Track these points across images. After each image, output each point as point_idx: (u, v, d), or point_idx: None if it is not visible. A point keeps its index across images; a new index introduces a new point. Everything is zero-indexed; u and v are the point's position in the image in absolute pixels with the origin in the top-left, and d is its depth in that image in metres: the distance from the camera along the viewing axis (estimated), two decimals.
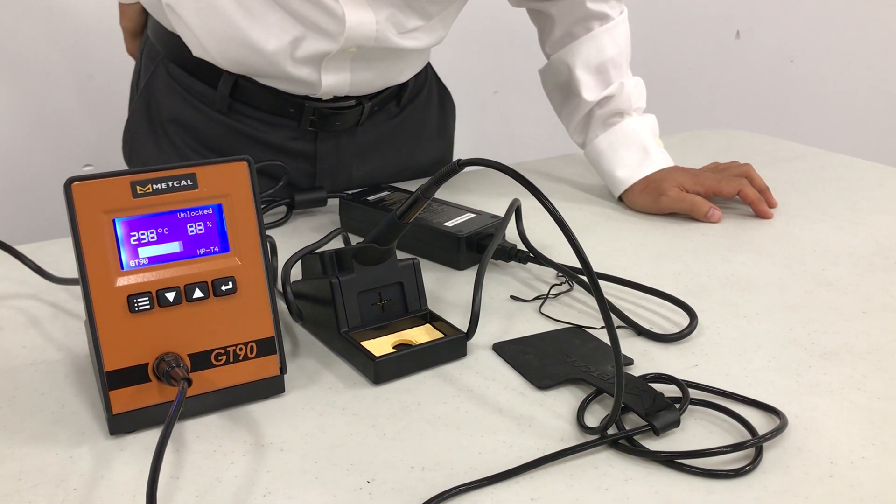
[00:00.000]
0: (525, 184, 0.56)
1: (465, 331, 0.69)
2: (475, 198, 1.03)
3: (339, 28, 0.91)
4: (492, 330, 0.72)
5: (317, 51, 0.93)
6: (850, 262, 0.86)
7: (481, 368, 0.67)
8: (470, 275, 0.82)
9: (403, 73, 1.06)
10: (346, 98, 1.03)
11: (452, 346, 0.68)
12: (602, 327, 0.72)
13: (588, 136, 1.08)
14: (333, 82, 0.98)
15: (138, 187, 0.57)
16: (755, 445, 0.55)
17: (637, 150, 1.04)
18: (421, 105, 1.14)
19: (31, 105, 1.70)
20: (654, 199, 1.00)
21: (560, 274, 0.82)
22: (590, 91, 1.05)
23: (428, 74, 1.17)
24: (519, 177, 0.56)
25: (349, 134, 1.07)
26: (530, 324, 0.74)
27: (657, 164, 1.03)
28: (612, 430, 0.57)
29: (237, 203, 0.60)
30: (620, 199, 1.05)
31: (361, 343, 0.66)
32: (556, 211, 0.55)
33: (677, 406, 0.58)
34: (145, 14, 1.11)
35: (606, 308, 0.53)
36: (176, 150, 1.04)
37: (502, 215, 0.86)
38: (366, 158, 1.10)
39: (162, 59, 1.04)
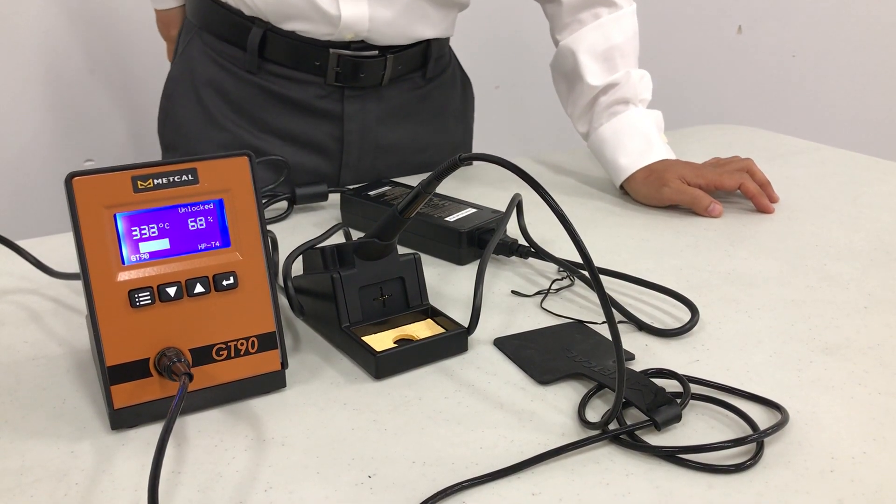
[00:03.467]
0: (526, 178, 0.56)
1: (467, 326, 0.69)
2: (476, 193, 1.03)
3: None
4: (493, 325, 0.72)
5: None
6: (851, 258, 0.86)
7: (482, 363, 0.67)
8: (471, 270, 0.82)
9: (422, 25, 1.08)
10: (369, 47, 1.05)
11: (453, 341, 0.68)
12: (603, 322, 0.72)
13: (592, 125, 1.08)
14: (352, 14, 1.01)
15: (139, 182, 0.57)
16: (756, 440, 0.55)
17: (640, 139, 1.04)
18: (446, 83, 1.17)
19: (32, 100, 1.69)
20: (655, 189, 1.00)
21: (561, 269, 0.82)
22: (594, 76, 1.06)
23: (452, 59, 1.20)
24: (520, 172, 0.56)
25: (375, 96, 1.09)
26: (531, 319, 0.74)
27: (660, 155, 1.03)
28: (613, 426, 0.57)
29: (238, 198, 0.60)
30: (622, 188, 1.05)
31: (362, 338, 0.66)
32: (557, 206, 0.54)
33: (678, 401, 0.58)
34: (184, 12, 1.18)
35: (608, 303, 0.53)
36: (207, 115, 1.09)
37: (503, 210, 0.86)
38: (392, 126, 1.12)
39: (197, 30, 1.10)
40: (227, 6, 1.05)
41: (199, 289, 0.58)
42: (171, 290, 0.57)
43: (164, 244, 0.58)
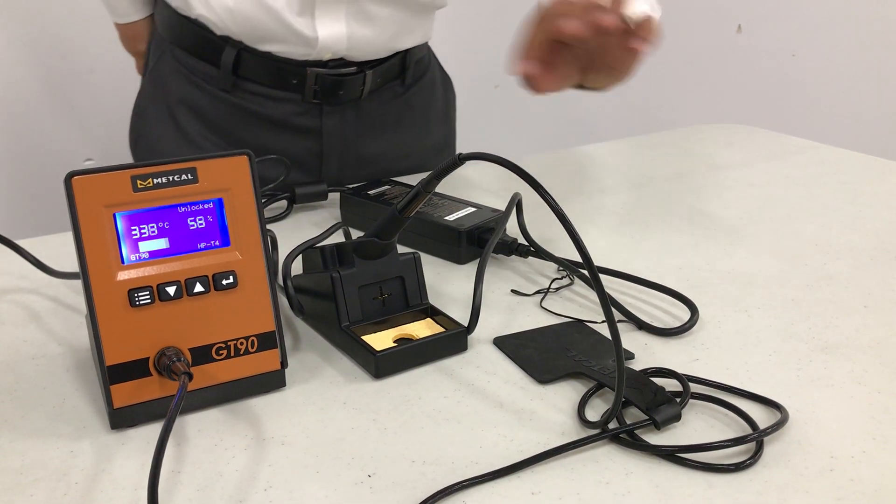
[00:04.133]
0: (526, 178, 0.56)
1: (466, 325, 0.69)
2: (476, 192, 1.03)
3: None
4: (492, 324, 0.72)
5: None
6: (850, 257, 0.86)
7: (482, 363, 0.67)
8: (471, 269, 0.82)
9: (402, 38, 1.05)
10: (347, 64, 1.02)
11: (453, 340, 0.67)
12: (603, 321, 0.72)
13: None
14: (329, 35, 0.97)
15: (139, 181, 0.57)
16: (756, 439, 0.55)
17: None
18: (426, 87, 1.14)
19: (32, 99, 1.69)
20: None
21: (561, 268, 0.82)
22: None
23: (431, 59, 1.17)
24: (520, 171, 0.56)
25: (354, 110, 1.07)
26: (531, 318, 0.74)
27: None
28: (612, 425, 0.57)
29: (238, 197, 0.60)
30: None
31: (362, 337, 0.66)
32: (557, 205, 0.54)
33: (678, 400, 0.58)
34: (152, 24, 1.13)
35: (608, 302, 0.53)
36: (181, 133, 1.05)
37: (503, 209, 0.86)
38: (373, 138, 1.10)
39: (168, 45, 1.06)
40: (198, 23, 1.01)
41: (198, 288, 0.58)
42: (171, 290, 0.57)
43: (163, 243, 0.58)
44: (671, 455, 0.55)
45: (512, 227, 0.85)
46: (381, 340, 0.66)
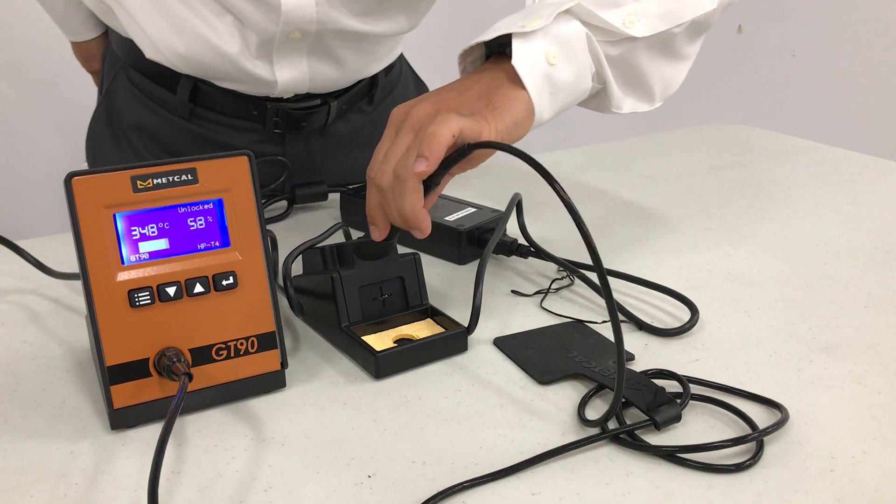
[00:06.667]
0: (538, 168, 0.55)
1: (466, 325, 0.69)
2: (476, 192, 1.03)
3: (274, 9, 0.84)
4: (493, 324, 0.72)
5: (260, 39, 0.87)
6: (851, 257, 0.86)
7: (482, 363, 0.67)
8: (471, 269, 0.82)
9: (369, 67, 1.00)
10: (310, 97, 0.98)
11: (453, 340, 0.67)
12: (603, 322, 0.72)
13: None
14: (290, 78, 0.93)
15: (139, 182, 0.57)
16: (756, 440, 0.55)
17: None
18: (397, 99, 1.08)
19: (32, 99, 1.69)
20: None
21: (561, 268, 0.82)
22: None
23: (402, 67, 1.11)
24: (532, 161, 0.55)
25: (319, 135, 1.03)
26: (531, 318, 0.74)
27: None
28: (613, 425, 0.57)
29: (238, 197, 0.60)
30: None
31: (362, 338, 0.66)
32: (568, 198, 0.53)
33: (678, 401, 0.58)
34: (106, 42, 1.08)
35: (614, 306, 0.53)
36: (139, 158, 1.01)
37: (503, 210, 0.86)
38: (340, 160, 1.06)
39: (123, 65, 1.01)
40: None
41: (198, 289, 0.58)
42: (171, 290, 0.57)
43: (163, 244, 0.58)
44: (671, 455, 0.55)
45: (512, 228, 0.85)
46: (381, 341, 0.66)
